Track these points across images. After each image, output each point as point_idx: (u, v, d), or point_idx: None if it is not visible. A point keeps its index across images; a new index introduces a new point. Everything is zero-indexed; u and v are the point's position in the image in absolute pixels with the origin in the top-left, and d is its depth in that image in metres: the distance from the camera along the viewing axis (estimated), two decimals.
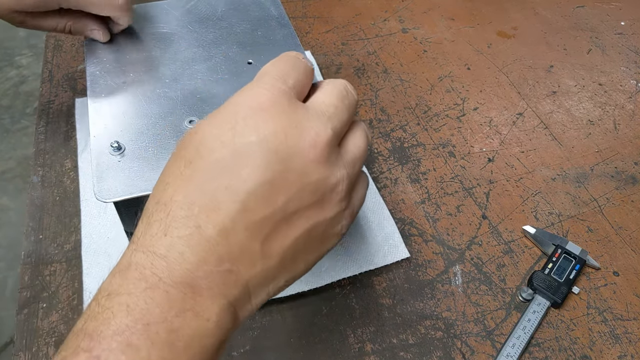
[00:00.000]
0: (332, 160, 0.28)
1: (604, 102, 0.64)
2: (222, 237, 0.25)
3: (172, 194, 0.26)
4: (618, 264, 0.48)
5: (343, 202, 0.29)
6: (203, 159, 0.26)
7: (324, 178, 0.27)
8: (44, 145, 0.57)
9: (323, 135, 0.27)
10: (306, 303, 0.45)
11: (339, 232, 0.30)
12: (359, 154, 0.30)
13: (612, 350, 0.43)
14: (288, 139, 0.26)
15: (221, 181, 0.25)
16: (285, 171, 0.26)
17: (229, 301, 0.26)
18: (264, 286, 0.27)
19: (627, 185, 0.55)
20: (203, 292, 0.25)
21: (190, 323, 0.24)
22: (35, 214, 0.51)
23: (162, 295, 0.24)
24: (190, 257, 0.25)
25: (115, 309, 0.23)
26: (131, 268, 0.25)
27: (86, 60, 0.46)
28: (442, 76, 0.67)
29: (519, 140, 0.60)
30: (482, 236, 0.51)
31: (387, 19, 0.75)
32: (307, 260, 0.29)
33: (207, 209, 0.25)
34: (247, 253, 0.26)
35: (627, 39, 0.73)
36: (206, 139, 0.26)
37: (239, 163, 0.25)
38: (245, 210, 0.25)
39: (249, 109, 0.27)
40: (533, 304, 0.45)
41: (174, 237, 0.25)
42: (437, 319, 0.45)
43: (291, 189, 0.26)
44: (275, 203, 0.26)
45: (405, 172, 0.56)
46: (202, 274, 0.25)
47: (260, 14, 0.50)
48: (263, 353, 0.42)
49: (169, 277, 0.24)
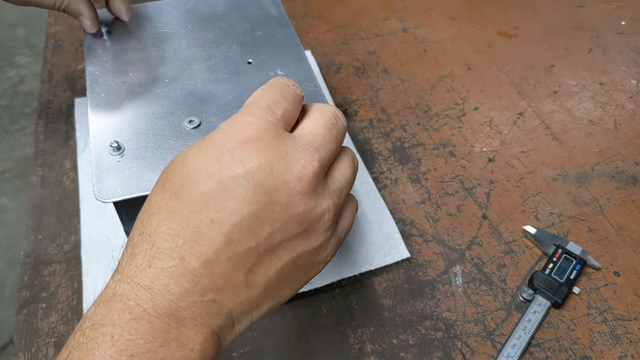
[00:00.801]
0: (319, 191, 0.28)
1: (604, 102, 0.64)
2: (205, 269, 0.25)
3: (157, 225, 0.26)
4: (619, 264, 0.48)
5: (329, 231, 0.29)
6: (188, 192, 0.26)
7: (310, 209, 0.27)
8: (43, 145, 0.57)
9: (310, 168, 0.27)
10: (306, 303, 0.45)
11: (324, 260, 0.30)
12: (345, 182, 0.30)
13: (613, 351, 0.43)
14: (274, 172, 0.26)
15: (206, 214, 0.25)
16: (270, 204, 0.26)
17: (212, 330, 0.26)
18: (247, 314, 0.28)
19: (627, 185, 0.55)
20: (187, 322, 0.25)
21: (174, 353, 0.24)
22: (35, 214, 0.51)
23: (146, 327, 0.24)
24: (174, 289, 0.25)
25: (99, 339, 0.23)
26: (115, 299, 0.25)
27: (85, 60, 0.45)
28: (442, 76, 0.67)
29: (519, 140, 0.59)
30: (483, 236, 0.50)
31: (388, 19, 0.75)
32: (292, 288, 0.29)
33: (191, 241, 0.25)
34: (231, 284, 0.26)
35: (628, 39, 0.73)
36: (192, 170, 0.26)
37: (224, 196, 0.26)
38: (229, 242, 0.25)
39: (236, 141, 0.26)
40: (533, 304, 0.45)
41: (158, 268, 0.25)
42: (438, 319, 0.45)
43: (276, 221, 0.26)
44: (259, 235, 0.26)
45: (405, 172, 0.56)
46: (186, 305, 0.25)
47: (260, 14, 0.50)
48: (263, 353, 0.42)
49: (153, 309, 0.24)
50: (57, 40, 0.69)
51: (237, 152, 0.26)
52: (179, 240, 0.25)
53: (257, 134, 0.27)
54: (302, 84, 0.43)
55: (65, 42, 0.69)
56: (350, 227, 0.32)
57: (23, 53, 1.83)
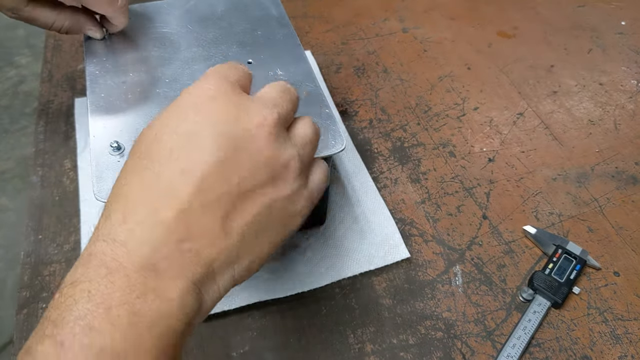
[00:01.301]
0: (281, 140, 0.29)
1: (604, 102, 0.64)
2: (180, 218, 0.26)
3: (130, 185, 0.27)
4: (619, 264, 0.48)
5: (297, 180, 0.30)
6: (157, 151, 0.27)
7: (275, 156, 0.29)
8: (43, 145, 0.57)
9: (270, 118, 0.29)
10: (306, 303, 0.45)
11: (299, 213, 0.30)
12: (307, 137, 0.32)
13: (613, 351, 0.43)
14: (236, 122, 0.28)
15: (176, 166, 0.27)
16: (236, 150, 0.27)
17: (192, 281, 0.26)
18: (228, 266, 0.28)
19: (627, 185, 0.55)
20: (164, 273, 0.25)
21: (152, 304, 0.24)
22: (35, 214, 0.51)
23: (123, 280, 0.24)
24: (150, 240, 0.25)
25: (77, 296, 0.24)
26: (92, 257, 0.25)
27: (85, 60, 0.45)
28: (442, 76, 0.67)
29: (519, 140, 0.59)
30: (483, 236, 0.50)
31: (387, 19, 0.75)
32: (271, 241, 0.30)
33: (164, 194, 0.26)
34: (207, 232, 0.26)
35: (628, 39, 0.73)
36: (159, 132, 0.28)
37: (191, 148, 0.27)
38: (200, 190, 0.26)
39: (198, 99, 0.28)
40: (533, 304, 0.45)
41: (133, 222, 0.26)
42: (438, 319, 0.45)
43: (244, 167, 0.27)
44: (229, 181, 0.27)
45: (405, 172, 0.56)
46: (162, 256, 0.25)
47: (260, 14, 0.50)
48: (262, 353, 0.42)
49: (129, 262, 0.25)
50: (57, 41, 0.69)
51: (199, 108, 0.28)
52: (152, 194, 0.26)
53: (217, 91, 0.29)
54: (302, 84, 0.43)
55: (65, 42, 0.69)
56: (322, 186, 0.33)
57: (23, 53, 1.83)
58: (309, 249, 0.48)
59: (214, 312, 0.43)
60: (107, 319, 0.23)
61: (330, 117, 0.41)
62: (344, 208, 0.51)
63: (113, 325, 0.23)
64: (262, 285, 0.45)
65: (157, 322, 0.24)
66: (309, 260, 0.47)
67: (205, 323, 0.44)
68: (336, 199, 0.52)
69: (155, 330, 0.24)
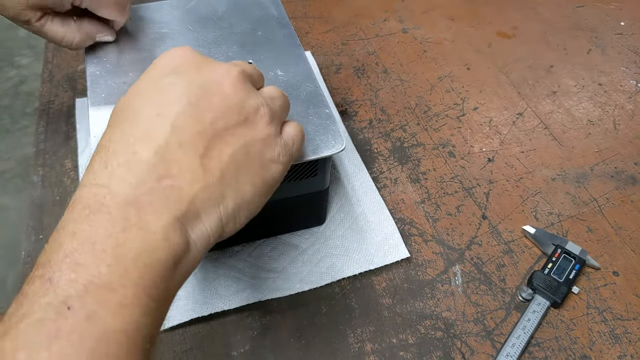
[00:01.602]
0: (248, 88, 0.31)
1: (603, 102, 0.64)
2: (158, 157, 0.27)
3: (110, 136, 0.28)
4: (618, 264, 0.48)
5: (270, 127, 0.31)
6: (133, 103, 0.29)
7: (244, 100, 0.30)
8: (44, 145, 0.57)
9: (234, 70, 0.31)
10: (306, 303, 0.45)
11: (276, 159, 0.31)
12: (274, 93, 0.33)
13: (612, 350, 0.43)
14: (204, 72, 0.30)
15: (151, 111, 0.28)
16: (207, 94, 0.29)
17: (175, 217, 0.26)
18: (212, 206, 0.28)
19: (626, 186, 0.55)
20: (146, 208, 0.26)
21: (135, 237, 0.25)
22: (36, 214, 0.51)
23: (105, 217, 0.25)
24: (130, 179, 0.26)
25: (62, 238, 0.25)
26: (75, 202, 0.26)
27: (86, 61, 0.46)
28: (442, 76, 0.67)
29: (518, 140, 0.60)
30: (482, 236, 0.51)
31: (387, 19, 0.75)
32: (253, 182, 0.30)
33: (141, 138, 0.27)
34: (186, 169, 0.27)
35: (627, 39, 0.73)
36: (133, 92, 0.30)
37: (164, 94, 0.29)
38: (176, 129, 0.28)
39: (166, 60, 0.31)
40: (533, 304, 0.45)
41: (114, 165, 0.27)
42: (437, 318, 0.45)
43: (215, 108, 0.29)
44: (204, 121, 0.28)
45: (405, 172, 0.56)
46: (143, 192, 0.26)
47: (260, 14, 0.50)
48: (263, 353, 0.42)
49: (111, 200, 0.25)
50: None
51: (168, 65, 0.30)
52: (131, 139, 0.27)
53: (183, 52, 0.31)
54: (302, 84, 0.44)
55: None
56: (297, 143, 0.34)
57: (24, 53, 1.83)
58: (309, 249, 0.48)
59: (214, 312, 0.44)
60: (92, 253, 0.24)
61: (330, 117, 0.41)
62: (344, 208, 0.51)
63: (98, 259, 0.24)
64: (262, 285, 0.46)
65: (141, 254, 0.25)
66: (309, 260, 0.48)
67: (205, 322, 0.44)
68: (336, 199, 0.52)
69: (141, 262, 0.25)
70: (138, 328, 0.24)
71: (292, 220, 0.49)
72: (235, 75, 0.31)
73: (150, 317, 0.25)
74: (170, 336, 0.43)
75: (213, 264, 0.47)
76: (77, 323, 0.22)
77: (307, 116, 0.41)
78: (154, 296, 0.25)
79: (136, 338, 0.24)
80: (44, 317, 0.22)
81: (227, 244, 0.48)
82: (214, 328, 0.44)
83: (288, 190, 0.43)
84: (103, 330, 0.22)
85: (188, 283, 0.45)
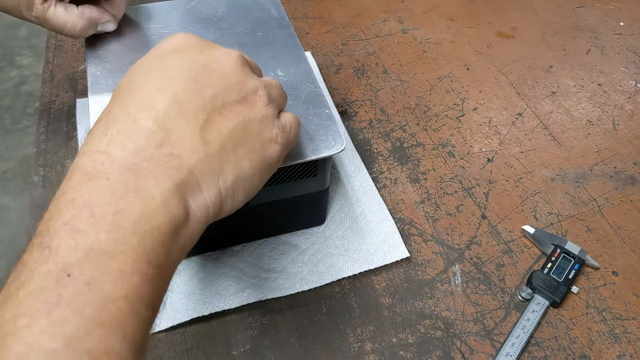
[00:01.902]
0: (247, 70, 0.32)
1: (603, 102, 0.65)
2: (158, 125, 0.27)
3: (111, 108, 0.28)
4: (617, 264, 0.49)
5: (267, 108, 0.31)
6: (135, 78, 0.30)
7: (243, 80, 0.31)
8: (44, 145, 0.57)
9: (234, 52, 0.32)
10: (306, 303, 0.45)
11: (274, 139, 0.31)
12: (272, 82, 0.34)
13: (611, 350, 0.43)
14: (205, 52, 0.31)
15: (152, 85, 0.28)
16: (207, 71, 0.30)
17: (174, 184, 0.26)
18: (212, 178, 0.28)
19: (626, 185, 0.55)
20: (145, 173, 0.26)
21: (134, 203, 0.25)
22: (36, 214, 0.51)
23: (104, 183, 0.25)
24: (129, 145, 0.26)
25: (61, 205, 0.24)
26: (75, 170, 0.26)
27: (87, 61, 0.46)
28: (441, 76, 0.67)
29: (518, 140, 0.60)
30: (482, 236, 0.51)
31: (387, 20, 0.75)
32: (251, 158, 0.30)
33: (142, 107, 0.28)
34: (187, 138, 0.27)
35: (626, 40, 0.73)
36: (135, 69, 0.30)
37: (165, 70, 0.29)
38: (176, 101, 0.28)
39: (170, 42, 0.31)
40: (532, 304, 0.45)
41: (113, 133, 0.27)
42: (437, 318, 0.45)
43: (215, 84, 0.30)
44: (204, 95, 0.29)
45: (405, 172, 0.56)
46: (142, 158, 0.26)
47: (260, 15, 0.51)
48: (263, 352, 0.43)
49: (110, 166, 0.25)
50: (59, 41, 0.69)
51: (169, 45, 0.31)
52: (131, 108, 0.28)
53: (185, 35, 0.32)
54: (302, 84, 0.44)
55: (67, 43, 0.69)
56: (294, 129, 0.34)
57: (24, 53, 1.84)
58: (309, 248, 0.48)
59: (214, 312, 0.44)
60: (91, 220, 0.24)
61: (330, 117, 0.41)
62: (344, 208, 0.52)
63: (97, 226, 0.24)
64: (263, 285, 0.46)
65: (141, 220, 0.25)
66: (309, 260, 0.48)
67: (205, 322, 0.44)
68: (336, 199, 0.52)
69: (140, 228, 0.24)
70: (138, 295, 0.24)
71: (293, 220, 0.49)
72: (235, 57, 0.31)
73: (150, 284, 0.24)
74: (171, 336, 0.43)
75: (213, 263, 0.47)
76: (77, 290, 0.22)
77: (307, 116, 0.41)
78: (154, 263, 0.25)
79: (137, 305, 0.23)
80: (43, 284, 0.22)
81: (227, 244, 0.48)
82: (214, 328, 0.44)
83: (288, 190, 0.43)
84: (103, 297, 0.22)
85: (188, 283, 0.45)
